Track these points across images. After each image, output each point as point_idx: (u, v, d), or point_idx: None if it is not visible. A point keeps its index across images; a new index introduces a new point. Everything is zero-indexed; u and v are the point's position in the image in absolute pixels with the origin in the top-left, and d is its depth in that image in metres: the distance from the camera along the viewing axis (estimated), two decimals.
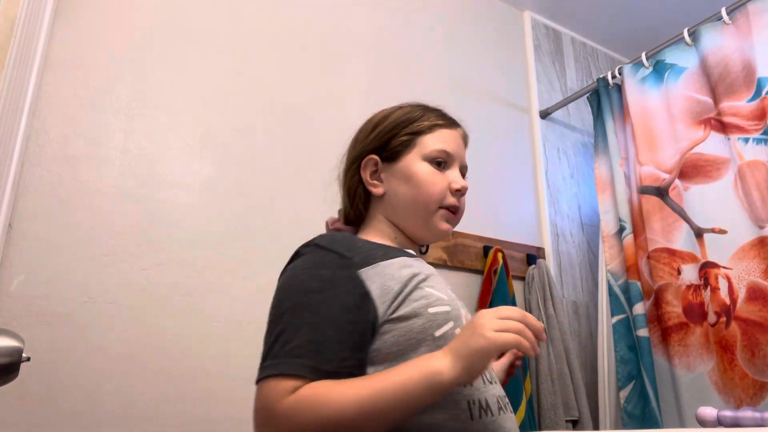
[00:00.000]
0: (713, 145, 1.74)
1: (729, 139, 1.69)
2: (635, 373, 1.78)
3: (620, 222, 1.92)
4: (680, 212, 1.78)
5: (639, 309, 1.80)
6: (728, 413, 1.13)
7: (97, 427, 1.18)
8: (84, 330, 1.22)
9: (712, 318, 1.64)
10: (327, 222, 1.01)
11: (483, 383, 0.79)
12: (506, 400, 0.82)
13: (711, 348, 1.64)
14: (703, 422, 1.15)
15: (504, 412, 0.79)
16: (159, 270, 1.34)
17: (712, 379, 1.62)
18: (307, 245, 0.82)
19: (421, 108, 0.96)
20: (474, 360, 0.67)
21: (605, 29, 2.58)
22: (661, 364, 1.74)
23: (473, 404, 0.75)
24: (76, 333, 1.21)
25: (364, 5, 1.94)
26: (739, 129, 1.67)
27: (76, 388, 1.19)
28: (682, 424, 1.63)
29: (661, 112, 1.89)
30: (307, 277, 0.76)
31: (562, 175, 2.28)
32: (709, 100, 1.77)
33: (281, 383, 0.67)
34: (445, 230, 0.91)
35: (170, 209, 1.40)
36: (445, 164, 0.91)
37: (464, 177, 0.96)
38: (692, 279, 1.71)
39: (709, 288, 1.66)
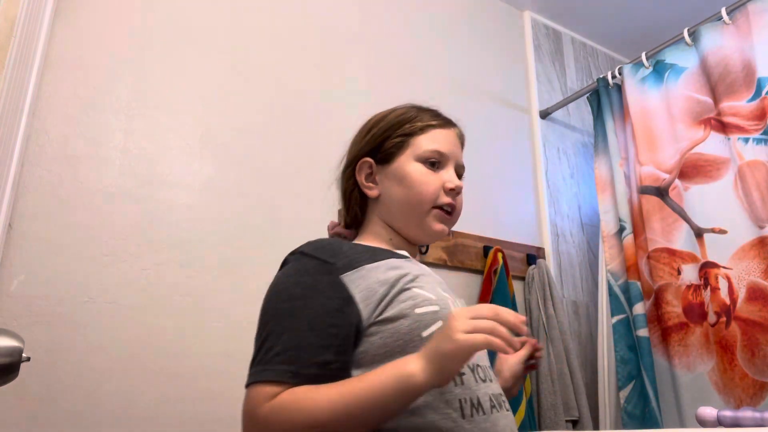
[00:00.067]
0: (713, 145, 1.74)
1: (729, 139, 1.69)
2: (635, 373, 1.78)
3: (620, 222, 1.92)
4: (680, 212, 1.78)
5: (639, 309, 1.80)
6: (728, 413, 1.13)
7: (97, 427, 1.18)
8: (84, 330, 1.22)
9: (712, 318, 1.64)
10: (328, 226, 1.02)
11: (475, 381, 0.78)
12: (502, 398, 0.82)
13: (711, 348, 1.64)
14: (703, 422, 1.15)
15: (498, 410, 0.78)
16: (159, 270, 1.34)
17: (712, 379, 1.62)
18: (293, 253, 0.84)
19: (416, 109, 0.96)
20: (445, 363, 0.66)
21: (605, 29, 2.58)
22: (661, 364, 1.74)
23: (465, 403, 0.75)
24: (76, 333, 1.21)
25: (364, 5, 1.94)
26: (739, 129, 1.67)
27: (76, 388, 1.19)
28: (682, 424, 1.63)
29: (661, 112, 1.89)
30: (291, 284, 0.79)
31: (562, 175, 2.28)
32: (709, 100, 1.77)
33: (264, 389, 0.70)
34: (438, 230, 0.91)
35: (170, 209, 1.40)
36: (439, 164, 0.91)
37: (461, 177, 0.95)
38: (692, 279, 1.71)
39: (709, 288, 1.66)
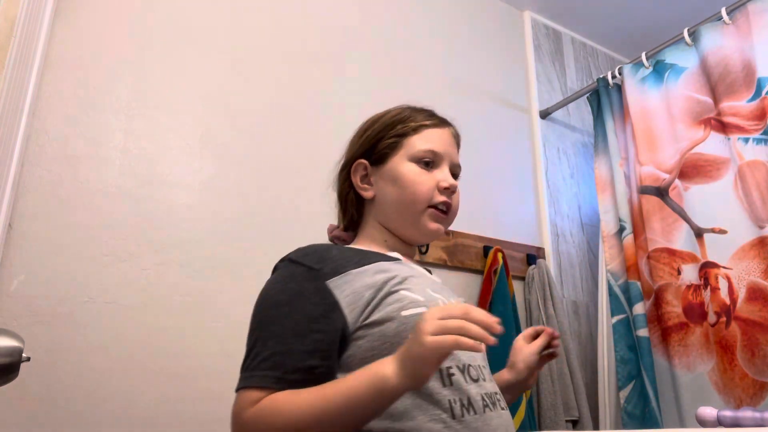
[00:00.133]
0: (713, 145, 1.74)
1: (729, 139, 1.69)
2: (635, 373, 1.78)
3: (620, 222, 1.92)
4: (680, 212, 1.78)
5: (639, 309, 1.80)
6: (728, 413, 1.13)
7: (97, 427, 1.18)
8: (84, 330, 1.22)
9: (712, 318, 1.64)
10: (327, 229, 1.02)
11: (465, 382, 0.78)
12: (497, 396, 0.81)
13: (711, 348, 1.64)
14: (703, 422, 1.15)
15: (492, 409, 0.78)
16: (159, 270, 1.34)
17: (712, 379, 1.62)
18: (282, 260, 0.85)
19: (410, 109, 0.96)
20: (416, 366, 0.66)
21: (605, 29, 2.58)
22: (661, 364, 1.74)
23: (454, 403, 0.75)
24: (76, 333, 1.21)
25: (364, 5, 1.94)
26: (739, 129, 1.67)
27: (76, 388, 1.19)
28: (682, 424, 1.63)
29: (661, 112, 1.88)
30: (278, 291, 0.80)
31: (562, 175, 2.28)
32: (709, 100, 1.77)
33: (249, 394, 0.72)
34: (434, 229, 0.91)
35: (170, 209, 1.40)
36: (433, 164, 0.92)
37: (457, 176, 0.96)
38: (692, 279, 1.71)
39: (709, 288, 1.66)
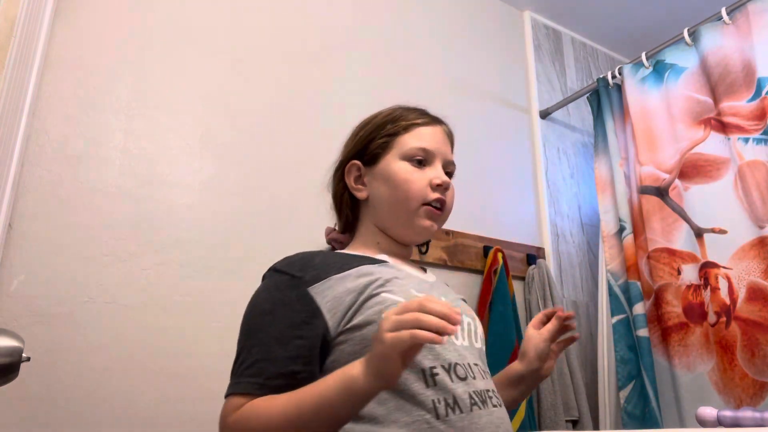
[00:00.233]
0: (713, 145, 1.74)
1: (729, 139, 1.69)
2: (635, 373, 1.78)
3: (620, 222, 1.92)
4: (680, 212, 1.78)
5: (639, 309, 1.80)
6: (728, 413, 1.13)
7: (97, 427, 1.18)
8: (84, 330, 1.22)
9: (712, 318, 1.64)
10: (324, 232, 1.02)
11: (451, 381, 0.77)
12: (488, 394, 0.81)
13: (711, 348, 1.63)
14: (703, 422, 1.15)
15: (481, 407, 0.77)
16: (159, 270, 1.34)
17: (712, 379, 1.62)
18: (268, 270, 0.86)
19: (402, 109, 0.96)
20: (380, 365, 0.66)
21: (605, 29, 2.58)
22: (661, 364, 1.74)
23: (439, 403, 0.75)
24: (76, 333, 1.21)
25: (364, 6, 1.94)
26: (739, 129, 1.67)
27: (76, 388, 1.19)
28: (682, 424, 1.62)
29: (661, 112, 1.88)
30: (261, 301, 0.82)
31: (562, 175, 2.28)
32: (709, 100, 1.77)
33: (234, 401, 0.74)
34: (426, 227, 0.90)
35: (170, 209, 1.40)
36: (426, 162, 0.92)
37: (452, 174, 0.96)
38: (692, 279, 1.71)
39: (709, 288, 1.66)
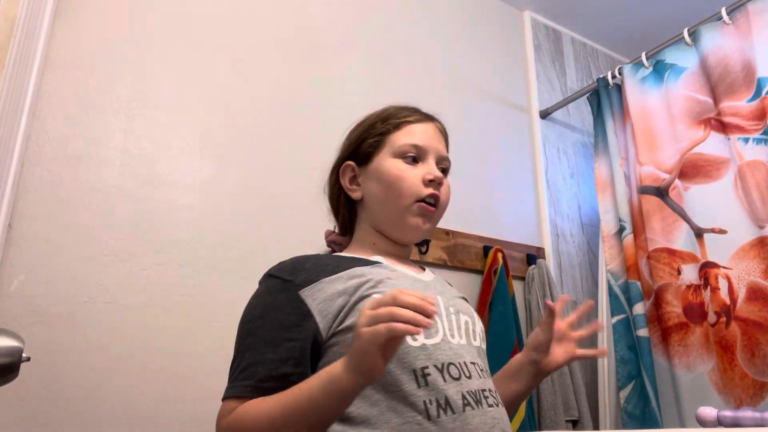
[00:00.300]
0: (713, 145, 1.74)
1: (729, 139, 1.69)
2: (635, 373, 1.78)
3: (620, 222, 1.92)
4: (680, 212, 1.78)
5: (639, 309, 1.80)
6: (728, 413, 1.13)
7: (97, 427, 1.18)
8: (84, 330, 1.22)
9: (712, 318, 1.64)
10: (324, 234, 1.02)
11: (443, 381, 0.77)
12: (483, 393, 0.80)
13: (711, 348, 1.63)
14: (703, 422, 1.15)
15: (474, 408, 0.77)
16: (159, 270, 1.34)
17: (712, 379, 1.62)
18: (263, 275, 0.87)
19: (393, 108, 0.96)
20: (359, 361, 0.66)
21: (605, 29, 2.58)
22: (661, 364, 1.74)
23: (430, 404, 0.75)
24: (76, 333, 1.21)
25: (365, 6, 1.94)
26: (739, 129, 1.67)
27: (76, 388, 1.19)
28: (682, 424, 1.62)
29: (661, 112, 1.88)
30: (255, 306, 0.84)
31: (562, 175, 2.28)
32: (709, 100, 1.77)
33: (228, 405, 0.76)
34: (415, 225, 0.89)
35: (170, 209, 1.40)
36: (418, 158, 0.91)
37: (447, 170, 0.95)
38: (692, 279, 1.71)
39: (709, 288, 1.66)
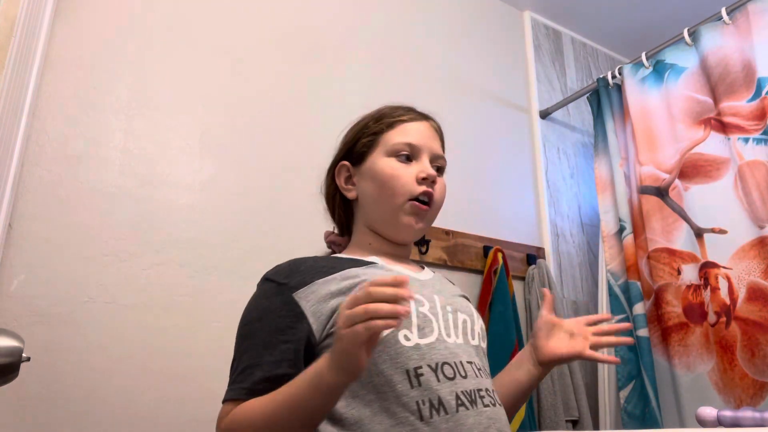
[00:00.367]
0: (713, 145, 1.74)
1: (729, 139, 1.69)
2: (635, 373, 1.78)
3: (620, 222, 1.92)
4: (680, 212, 1.78)
5: (639, 309, 1.80)
6: (728, 413, 1.13)
7: (97, 427, 1.18)
8: (84, 330, 1.22)
9: (712, 318, 1.64)
10: (324, 234, 1.02)
11: (437, 381, 0.76)
12: (479, 393, 0.79)
13: (711, 348, 1.63)
14: (703, 422, 1.15)
15: (468, 408, 0.76)
16: (159, 270, 1.34)
17: (712, 379, 1.62)
18: (261, 279, 0.88)
19: (388, 108, 0.97)
20: (343, 360, 0.66)
21: (605, 29, 2.58)
22: (661, 364, 1.74)
23: (423, 405, 0.74)
24: (76, 333, 1.21)
25: (364, 6, 1.94)
26: (739, 129, 1.67)
27: (76, 388, 1.19)
28: (682, 424, 1.62)
29: (661, 112, 1.88)
30: (251, 309, 0.85)
31: (562, 175, 2.28)
32: (709, 100, 1.77)
33: (226, 407, 0.78)
34: (408, 224, 0.89)
35: (170, 209, 1.40)
36: (412, 157, 0.91)
37: (442, 168, 0.95)
38: (692, 279, 1.71)
39: (709, 288, 1.66)
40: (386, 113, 0.95)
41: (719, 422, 1.13)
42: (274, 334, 0.79)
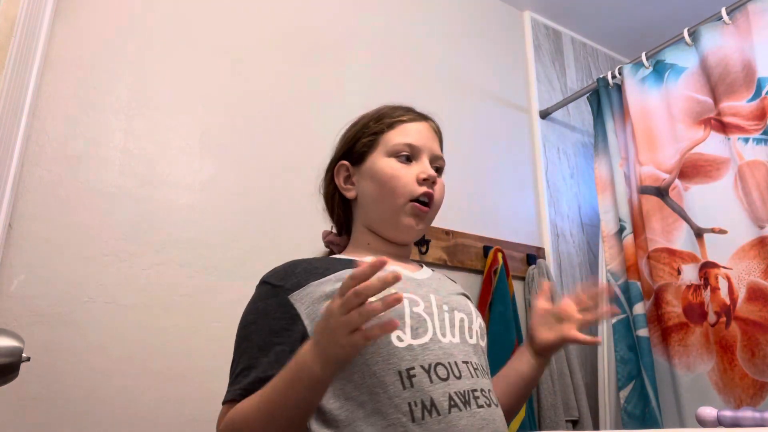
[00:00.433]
0: (713, 145, 1.74)
1: (729, 139, 1.69)
2: (635, 373, 1.78)
3: (620, 222, 1.92)
4: (680, 212, 1.78)
5: (639, 309, 1.80)
6: (728, 413, 1.12)
7: (97, 427, 1.18)
8: (84, 330, 1.22)
9: (712, 318, 1.64)
10: (322, 234, 1.02)
11: (430, 382, 0.76)
12: (473, 394, 0.78)
13: (711, 348, 1.63)
14: (703, 422, 1.15)
15: (461, 409, 0.75)
16: (159, 270, 1.34)
17: (712, 379, 1.62)
18: (258, 281, 0.88)
19: (387, 108, 0.97)
20: (331, 358, 0.67)
21: (605, 29, 2.58)
22: (661, 364, 1.74)
23: (415, 406, 0.74)
24: (76, 333, 1.21)
25: (364, 6, 1.94)
26: (739, 129, 1.67)
27: (76, 388, 1.19)
28: (682, 424, 1.62)
29: (661, 112, 1.88)
30: (248, 312, 0.85)
31: (562, 175, 2.28)
32: (709, 100, 1.77)
33: (224, 409, 0.79)
34: (408, 225, 0.89)
35: (170, 209, 1.40)
36: (412, 157, 0.91)
37: (441, 169, 0.95)
38: (692, 279, 1.71)
39: (709, 288, 1.66)
40: (386, 113, 0.95)
41: (719, 422, 1.13)
42: (270, 336, 0.80)
